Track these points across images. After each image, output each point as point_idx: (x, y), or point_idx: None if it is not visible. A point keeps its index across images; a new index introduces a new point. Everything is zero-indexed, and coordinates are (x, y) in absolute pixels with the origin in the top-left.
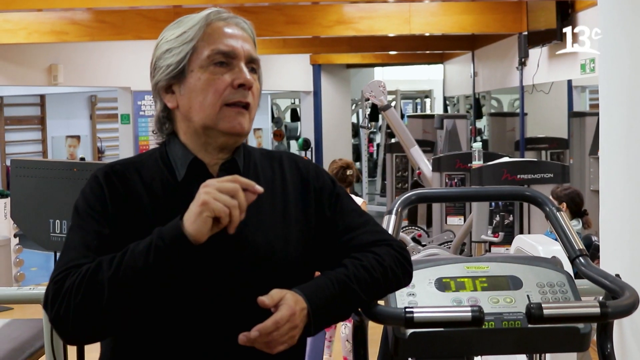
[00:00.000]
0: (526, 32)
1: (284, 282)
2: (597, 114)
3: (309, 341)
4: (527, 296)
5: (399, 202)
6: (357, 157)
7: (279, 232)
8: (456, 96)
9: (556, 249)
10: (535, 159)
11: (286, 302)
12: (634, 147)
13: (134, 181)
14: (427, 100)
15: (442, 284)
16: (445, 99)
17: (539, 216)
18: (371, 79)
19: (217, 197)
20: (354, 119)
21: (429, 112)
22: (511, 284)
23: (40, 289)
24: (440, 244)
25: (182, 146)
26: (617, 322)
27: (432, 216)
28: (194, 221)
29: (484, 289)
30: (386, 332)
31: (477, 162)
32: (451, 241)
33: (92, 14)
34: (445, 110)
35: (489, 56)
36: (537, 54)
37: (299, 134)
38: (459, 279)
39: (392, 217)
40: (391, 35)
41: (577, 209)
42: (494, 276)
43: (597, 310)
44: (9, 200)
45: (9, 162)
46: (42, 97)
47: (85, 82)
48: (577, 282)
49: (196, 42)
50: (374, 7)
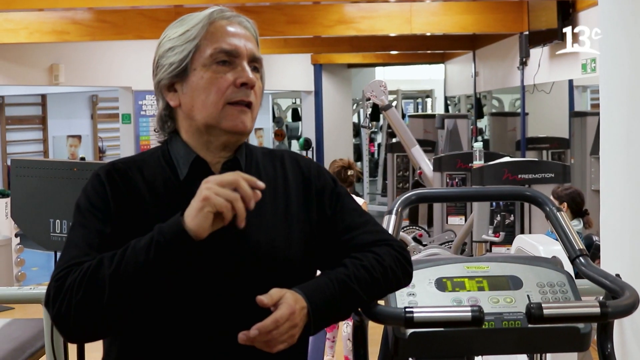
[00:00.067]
0: (527, 32)
1: (285, 281)
2: (598, 114)
3: (310, 341)
4: (527, 296)
5: (399, 202)
6: (358, 156)
7: (281, 231)
8: (457, 96)
9: (557, 249)
10: (536, 159)
11: (286, 301)
12: (635, 147)
13: (136, 180)
14: (428, 100)
15: (442, 284)
16: (446, 98)
17: (540, 216)
18: (372, 78)
19: (218, 191)
20: (355, 119)
21: (430, 111)
22: (511, 283)
23: (41, 289)
24: (441, 244)
25: (184, 145)
26: (617, 322)
27: (433, 216)
28: (195, 217)
29: (484, 289)
30: (386, 332)
31: (478, 162)
32: (452, 241)
33: (93, 13)
34: (446, 110)
35: (490, 56)
36: (538, 54)
37: (300, 134)
38: (459, 279)
39: (392, 217)
40: (392, 35)
41: (578, 209)
42: (494, 276)
43: (597, 310)
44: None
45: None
46: (43, 96)
47: (86, 81)
48: (578, 282)
49: (199, 41)
50: (375, 7)
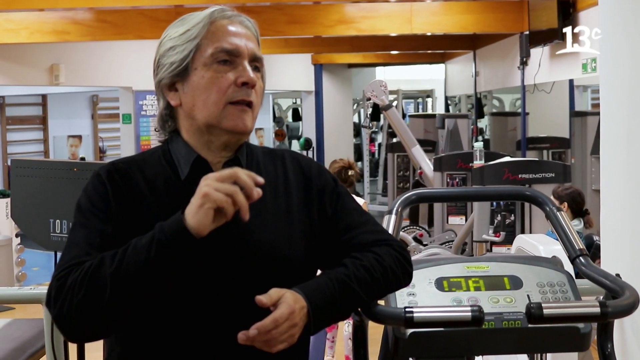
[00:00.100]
0: (527, 32)
1: (286, 280)
2: (599, 114)
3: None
4: (527, 296)
5: (399, 202)
6: (358, 156)
7: (282, 230)
8: (458, 96)
9: (557, 249)
10: (536, 159)
11: (285, 301)
12: (635, 147)
13: (137, 179)
14: (429, 99)
15: (442, 284)
16: (446, 98)
17: (541, 216)
18: (373, 78)
19: (218, 187)
20: (356, 119)
21: (430, 111)
22: (511, 283)
23: (41, 289)
24: (441, 244)
25: (185, 144)
26: (617, 322)
27: (433, 216)
28: (195, 214)
29: (484, 288)
30: (386, 332)
31: (478, 162)
32: (452, 241)
33: (94, 13)
34: (446, 109)
35: (490, 56)
36: (538, 54)
37: (300, 134)
38: (459, 279)
39: (392, 216)
40: (393, 34)
41: (579, 209)
42: (494, 276)
43: (597, 310)
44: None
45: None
46: (43, 96)
47: (86, 81)
48: (578, 281)
49: (200, 40)
50: (375, 7)
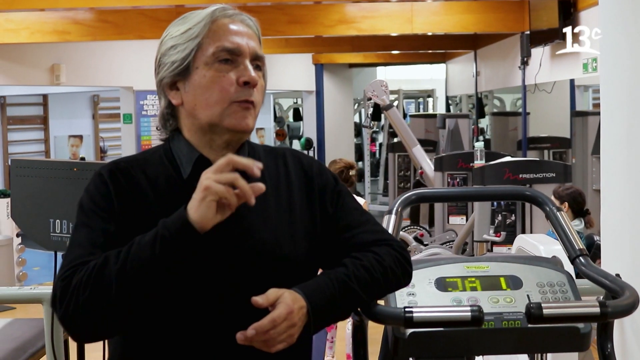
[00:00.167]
0: (528, 32)
1: (289, 279)
2: (600, 114)
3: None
4: (527, 296)
5: (399, 201)
6: (359, 156)
7: (285, 229)
8: (459, 95)
9: (557, 249)
10: (537, 159)
11: (284, 301)
12: (635, 147)
13: (139, 178)
14: (430, 99)
15: (442, 284)
16: (447, 98)
17: (541, 216)
18: (373, 78)
19: (218, 178)
20: (357, 119)
21: (431, 111)
22: (511, 283)
23: (42, 289)
24: (442, 244)
25: (186, 143)
26: (617, 322)
27: (434, 216)
28: (197, 208)
29: (484, 288)
30: (387, 332)
31: (479, 162)
32: (453, 241)
33: (95, 13)
34: (447, 109)
35: (491, 55)
36: (539, 54)
37: (301, 134)
38: (459, 279)
39: (392, 216)
40: (393, 34)
41: (579, 209)
42: (494, 276)
43: (597, 310)
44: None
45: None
46: (44, 96)
47: (87, 81)
48: (578, 281)
49: (201, 39)
50: (376, 7)
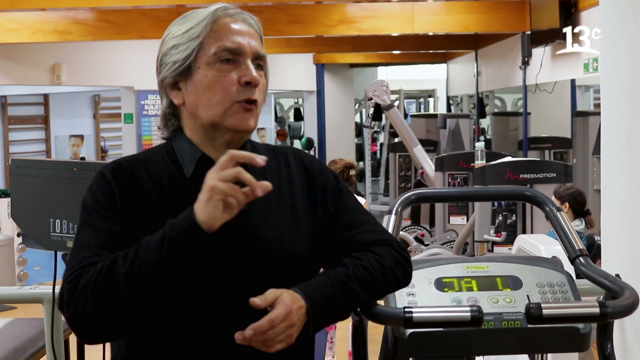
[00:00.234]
0: (529, 32)
1: (292, 278)
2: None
3: None
4: (527, 296)
5: (399, 202)
6: (360, 156)
7: (288, 227)
8: (459, 95)
9: (557, 249)
10: (538, 159)
11: (282, 301)
12: (635, 147)
13: (142, 178)
14: (431, 99)
15: (441, 284)
16: (448, 98)
17: (542, 216)
18: (374, 78)
19: (222, 176)
20: (357, 119)
21: (432, 111)
22: (511, 284)
23: (42, 289)
24: (442, 244)
25: (188, 142)
26: (618, 322)
27: (435, 216)
28: (204, 208)
29: (484, 289)
30: (387, 332)
31: (479, 162)
32: (454, 241)
33: (95, 13)
34: (448, 109)
35: (492, 55)
36: (540, 54)
37: (302, 134)
38: (459, 279)
39: (392, 216)
40: (394, 34)
41: (580, 209)
42: (493, 276)
43: (597, 310)
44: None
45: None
46: (45, 96)
47: (88, 81)
48: (578, 282)
49: (203, 39)
50: (376, 7)
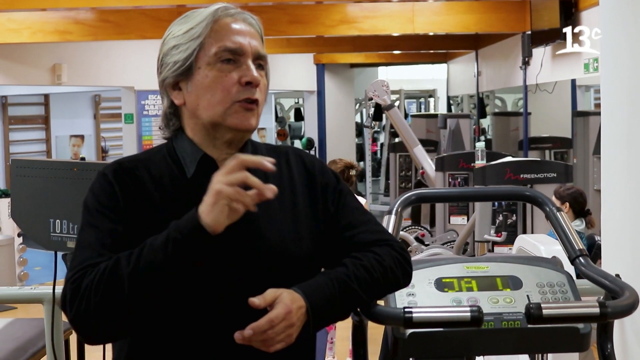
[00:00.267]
0: (529, 32)
1: (294, 278)
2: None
3: None
4: (527, 296)
5: (399, 202)
6: (360, 156)
7: (290, 227)
8: (460, 95)
9: (558, 249)
10: (538, 159)
11: (282, 301)
12: (635, 147)
13: (144, 178)
14: (431, 99)
15: (441, 284)
16: (449, 98)
17: (542, 216)
18: (375, 78)
19: (228, 180)
20: (358, 119)
21: (432, 111)
22: (511, 284)
23: (42, 289)
24: (443, 244)
25: (190, 142)
26: (618, 322)
27: (435, 216)
28: (210, 212)
29: (484, 289)
30: (387, 332)
31: (480, 162)
32: (454, 241)
33: (96, 13)
34: (449, 109)
35: (492, 55)
36: (540, 54)
37: (302, 134)
38: (459, 279)
39: (392, 217)
40: (395, 34)
41: (580, 209)
42: (493, 276)
43: (597, 310)
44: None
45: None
46: (46, 96)
47: (89, 81)
48: (578, 282)
49: (203, 39)
50: (377, 7)
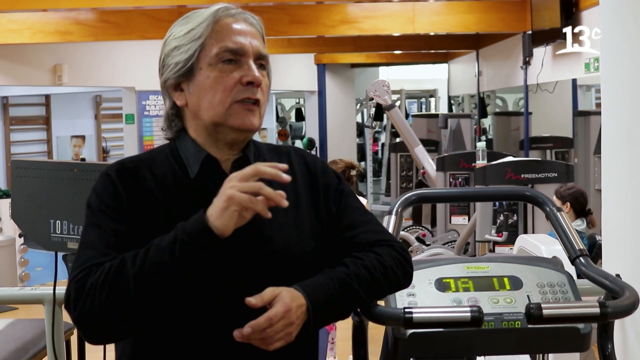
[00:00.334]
0: (530, 31)
1: (296, 277)
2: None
3: None
4: (527, 296)
5: (399, 202)
6: (361, 156)
7: (293, 227)
8: (461, 95)
9: (558, 249)
10: (539, 159)
11: (281, 299)
12: (636, 146)
13: (147, 178)
14: (432, 99)
15: (442, 284)
16: (449, 98)
17: (543, 216)
18: (375, 78)
19: (242, 187)
20: (359, 119)
21: (433, 111)
22: (511, 284)
23: (43, 289)
24: (444, 244)
25: (193, 143)
26: (618, 322)
27: (436, 216)
28: (219, 216)
29: (484, 289)
30: (387, 332)
31: (481, 162)
32: (455, 241)
33: (97, 14)
34: (450, 109)
35: (493, 55)
36: (541, 53)
37: (303, 134)
38: (459, 279)
39: (392, 217)
40: (395, 34)
41: (581, 209)
42: (493, 276)
43: (597, 310)
44: None
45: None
46: (47, 97)
47: (89, 82)
48: (578, 282)
49: (204, 40)
50: (378, 7)
